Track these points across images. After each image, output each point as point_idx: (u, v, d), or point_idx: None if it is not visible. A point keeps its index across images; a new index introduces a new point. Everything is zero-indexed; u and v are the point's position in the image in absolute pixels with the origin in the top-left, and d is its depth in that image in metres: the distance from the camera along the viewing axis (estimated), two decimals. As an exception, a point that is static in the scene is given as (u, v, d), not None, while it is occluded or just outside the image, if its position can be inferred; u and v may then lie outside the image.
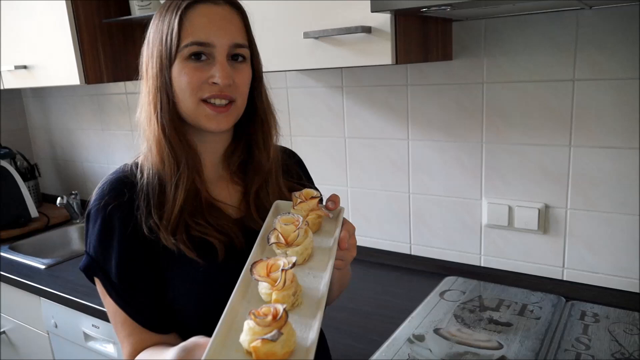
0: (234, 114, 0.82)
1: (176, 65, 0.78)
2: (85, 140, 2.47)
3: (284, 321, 0.57)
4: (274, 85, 1.73)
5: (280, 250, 0.71)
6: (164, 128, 0.80)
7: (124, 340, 0.82)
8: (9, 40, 1.94)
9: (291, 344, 0.58)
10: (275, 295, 0.64)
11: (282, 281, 0.64)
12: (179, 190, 0.80)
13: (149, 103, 0.81)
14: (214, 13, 0.79)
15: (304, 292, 0.68)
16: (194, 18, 0.78)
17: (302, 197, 0.80)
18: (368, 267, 1.62)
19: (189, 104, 0.79)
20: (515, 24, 1.29)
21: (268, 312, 0.58)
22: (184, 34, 0.77)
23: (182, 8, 0.78)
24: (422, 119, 1.49)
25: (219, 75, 0.77)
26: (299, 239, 0.72)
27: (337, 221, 0.80)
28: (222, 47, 0.78)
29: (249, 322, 0.58)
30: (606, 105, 1.22)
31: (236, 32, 0.80)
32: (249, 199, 0.88)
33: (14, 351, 2.00)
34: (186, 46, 0.77)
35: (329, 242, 0.77)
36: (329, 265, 0.72)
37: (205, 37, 0.77)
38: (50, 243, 2.17)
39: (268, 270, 0.65)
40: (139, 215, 0.80)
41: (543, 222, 1.36)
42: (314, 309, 0.66)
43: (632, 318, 1.20)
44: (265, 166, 0.88)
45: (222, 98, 0.79)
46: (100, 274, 0.81)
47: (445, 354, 1.10)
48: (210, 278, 0.81)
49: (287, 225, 0.72)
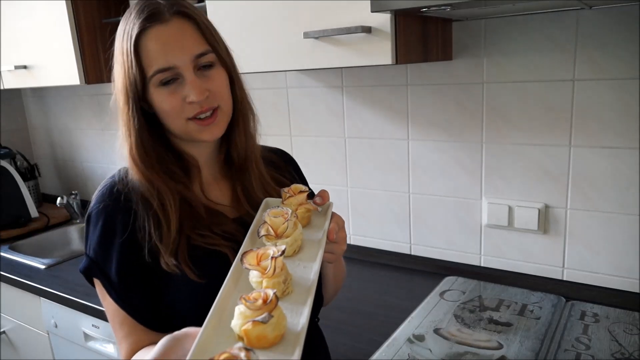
0: (222, 120, 0.83)
1: (151, 93, 0.79)
2: (85, 140, 2.47)
3: (274, 305, 0.58)
4: (274, 85, 1.73)
5: (270, 242, 0.73)
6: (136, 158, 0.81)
7: (122, 341, 0.83)
8: (9, 40, 1.94)
9: (282, 327, 0.59)
10: (266, 283, 0.65)
11: (272, 269, 0.65)
12: (170, 212, 0.80)
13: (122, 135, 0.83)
14: (165, 34, 0.77)
15: (294, 281, 0.69)
16: (147, 46, 0.77)
17: (290, 192, 0.81)
18: (368, 267, 1.62)
19: (178, 125, 0.81)
20: (515, 24, 1.29)
21: (258, 296, 0.59)
22: (145, 64, 0.77)
23: (133, 38, 0.77)
24: (422, 119, 1.49)
25: (193, 94, 0.77)
26: (288, 230, 0.73)
27: (326, 215, 0.82)
28: (185, 64, 0.78)
29: (239, 307, 0.59)
30: (606, 105, 1.22)
31: (193, 44, 0.79)
32: (238, 194, 0.89)
33: (14, 351, 2.00)
34: (152, 76, 0.77)
35: (317, 234, 0.79)
36: (318, 255, 0.73)
37: (165, 62, 0.77)
38: (50, 243, 2.18)
39: (258, 260, 0.66)
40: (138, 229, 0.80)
41: (543, 222, 1.36)
42: (305, 296, 0.67)
43: (632, 318, 1.20)
44: (242, 158, 0.89)
45: (205, 111, 0.80)
46: (100, 276, 0.81)
47: (445, 354, 1.10)
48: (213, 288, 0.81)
49: (277, 218, 0.74)
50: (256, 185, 0.89)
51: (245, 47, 1.30)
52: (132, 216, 0.81)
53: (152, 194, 0.81)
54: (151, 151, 0.82)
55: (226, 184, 0.91)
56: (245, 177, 0.89)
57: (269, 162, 0.97)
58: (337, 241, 0.78)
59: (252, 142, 0.90)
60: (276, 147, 1.05)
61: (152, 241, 0.79)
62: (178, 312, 0.82)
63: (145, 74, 0.77)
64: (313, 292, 0.67)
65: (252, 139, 0.90)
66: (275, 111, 1.76)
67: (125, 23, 0.79)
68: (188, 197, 0.84)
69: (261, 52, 1.30)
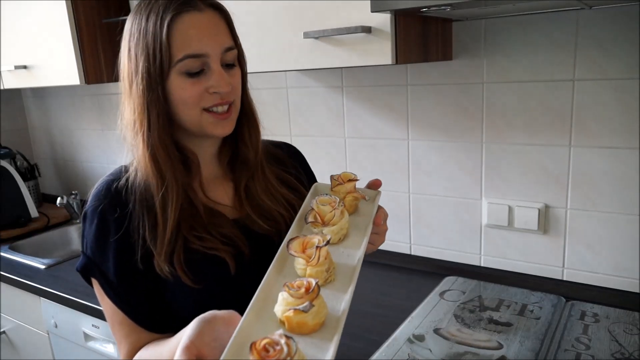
0: (235, 117, 0.83)
1: (171, 80, 0.77)
2: (85, 140, 2.47)
3: (315, 294, 0.60)
4: (274, 85, 1.73)
5: (317, 229, 0.74)
6: (152, 147, 0.78)
7: (122, 341, 0.82)
8: (9, 40, 1.94)
9: (322, 316, 0.61)
10: (310, 271, 0.67)
11: (316, 257, 0.67)
12: (169, 209, 0.79)
13: (134, 121, 0.79)
14: (202, 21, 0.77)
15: (337, 269, 0.71)
16: (183, 30, 0.75)
17: (340, 179, 0.82)
18: (368, 267, 1.61)
19: (192, 115, 0.79)
20: (515, 24, 1.29)
21: (301, 285, 0.61)
22: (175, 48, 0.75)
23: (167, 20, 0.75)
24: (422, 119, 1.49)
25: (220, 84, 0.77)
26: (335, 218, 0.75)
27: (374, 203, 0.83)
28: (216, 55, 0.78)
29: (282, 294, 0.61)
30: (606, 105, 1.22)
31: (225, 37, 0.80)
32: (240, 195, 0.88)
33: (14, 351, 2.00)
34: (180, 61, 0.75)
35: (363, 222, 0.80)
36: (363, 243, 0.75)
37: (198, 48, 0.76)
38: (50, 243, 2.18)
39: (304, 247, 0.68)
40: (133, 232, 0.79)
41: (543, 222, 1.36)
42: (347, 283, 0.68)
43: (632, 318, 1.20)
44: (252, 160, 0.89)
45: (224, 104, 0.80)
46: (97, 275, 0.81)
47: (445, 354, 1.10)
48: (217, 294, 0.81)
49: (324, 205, 0.76)
50: (259, 187, 0.89)
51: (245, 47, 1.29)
52: (126, 217, 0.80)
53: (159, 188, 0.79)
54: (168, 140, 0.80)
55: (229, 184, 0.90)
56: (250, 178, 0.89)
57: (274, 159, 0.96)
58: (379, 232, 0.81)
59: (260, 143, 0.91)
60: (281, 141, 1.04)
61: (146, 245, 0.78)
62: (176, 315, 0.81)
63: (173, 58, 0.75)
64: (355, 278, 0.69)
65: (260, 141, 0.91)
66: (275, 111, 1.76)
67: (149, 9, 0.77)
68: (190, 193, 0.83)
69: (261, 52, 1.30)
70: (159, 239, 0.78)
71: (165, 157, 0.79)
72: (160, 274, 0.78)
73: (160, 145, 0.79)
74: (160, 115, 0.78)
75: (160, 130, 0.79)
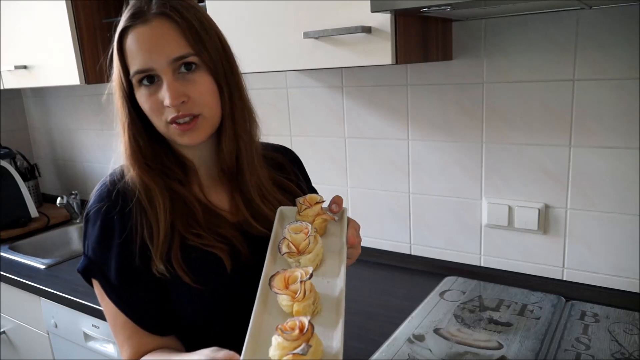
0: (202, 128, 0.79)
1: (137, 91, 0.79)
2: (85, 140, 2.47)
3: (310, 333, 0.59)
4: (274, 85, 1.73)
5: (293, 259, 0.73)
6: (127, 150, 0.82)
7: (123, 343, 0.82)
8: (9, 40, 1.94)
9: (319, 353, 0.60)
10: (297, 307, 0.66)
11: (302, 292, 0.65)
12: (159, 210, 0.80)
13: (119, 132, 0.84)
14: (144, 35, 0.76)
15: (321, 298, 0.70)
16: (129, 46, 0.77)
17: (306, 202, 0.81)
18: (368, 267, 1.62)
19: (159, 127, 0.80)
20: (515, 24, 1.29)
21: (294, 326, 0.59)
22: (128, 64, 0.78)
23: (117, 37, 0.78)
24: (422, 119, 1.49)
25: (167, 97, 0.75)
26: (310, 246, 0.73)
27: (342, 222, 0.82)
28: (162, 67, 0.75)
29: (276, 338, 0.59)
30: (606, 105, 1.22)
31: (173, 46, 0.75)
32: (236, 201, 0.87)
33: (14, 351, 2.00)
34: (133, 76, 0.78)
35: (336, 243, 0.79)
36: (342, 271, 0.73)
37: (142, 63, 0.76)
38: (50, 243, 2.18)
39: (286, 283, 0.66)
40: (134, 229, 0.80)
41: (543, 222, 1.36)
42: (334, 316, 0.67)
43: (632, 318, 1.20)
44: (240, 165, 0.86)
45: (182, 117, 0.77)
46: (98, 276, 0.80)
47: (445, 354, 1.10)
48: (215, 293, 0.81)
49: (297, 234, 0.74)
50: (254, 192, 0.87)
51: (245, 47, 1.29)
52: (128, 216, 0.80)
53: (142, 191, 0.81)
54: (145, 147, 0.82)
55: (224, 190, 0.89)
56: (242, 184, 0.87)
57: (273, 163, 0.95)
58: (355, 246, 0.80)
59: (246, 149, 0.86)
60: (281, 145, 1.03)
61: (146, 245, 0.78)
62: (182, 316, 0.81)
63: (128, 74, 0.78)
64: (343, 312, 0.67)
65: (247, 146, 0.86)
66: (275, 111, 1.76)
67: (119, 19, 0.80)
68: (182, 194, 0.82)
69: (261, 52, 1.30)
70: (154, 238, 0.78)
71: (141, 163, 0.82)
72: (155, 273, 0.78)
73: (137, 152, 0.82)
74: (134, 123, 0.81)
75: (138, 137, 0.82)
